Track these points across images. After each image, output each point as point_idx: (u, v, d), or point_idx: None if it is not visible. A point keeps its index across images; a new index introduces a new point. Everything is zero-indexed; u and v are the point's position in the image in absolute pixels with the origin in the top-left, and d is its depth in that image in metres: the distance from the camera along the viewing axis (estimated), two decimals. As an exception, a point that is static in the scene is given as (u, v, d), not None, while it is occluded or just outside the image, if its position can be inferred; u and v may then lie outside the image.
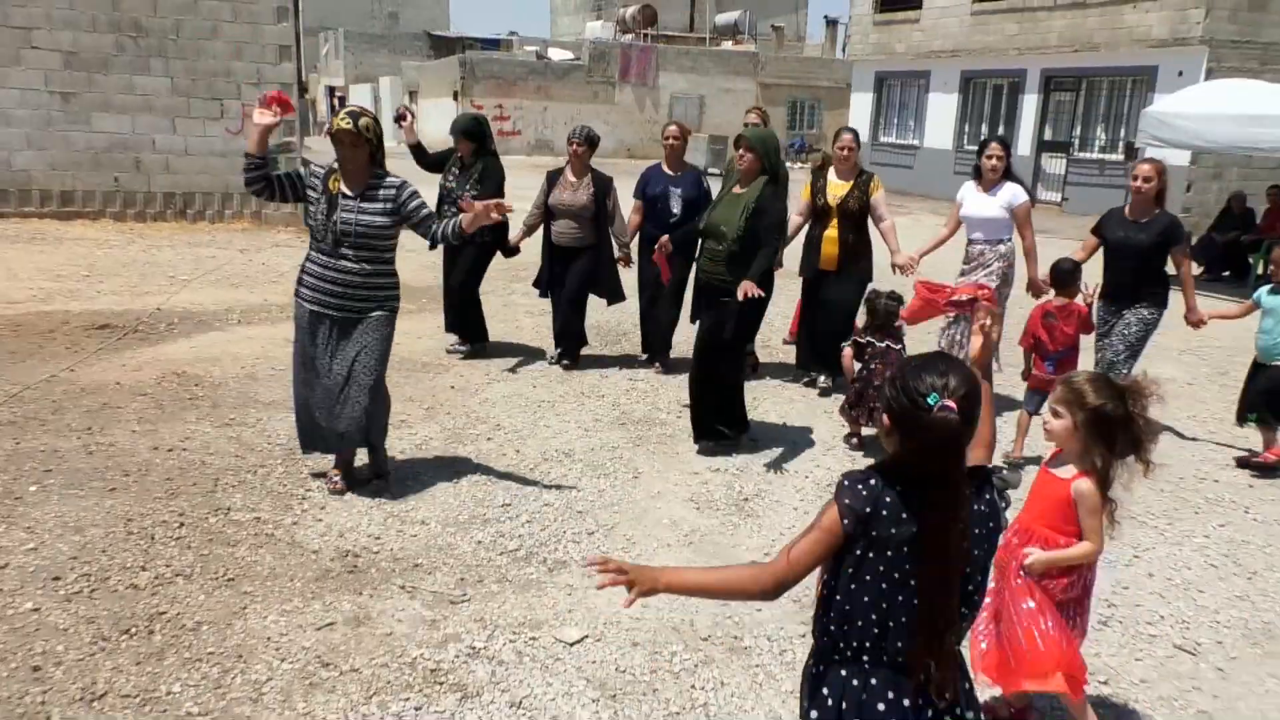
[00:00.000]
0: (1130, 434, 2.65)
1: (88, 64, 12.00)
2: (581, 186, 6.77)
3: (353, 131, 4.22)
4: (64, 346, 6.81)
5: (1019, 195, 6.16)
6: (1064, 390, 2.76)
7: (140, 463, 4.77)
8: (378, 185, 4.35)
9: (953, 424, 1.82)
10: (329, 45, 45.94)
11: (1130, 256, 5.65)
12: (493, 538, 4.18)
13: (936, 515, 1.85)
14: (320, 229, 4.31)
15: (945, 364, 1.90)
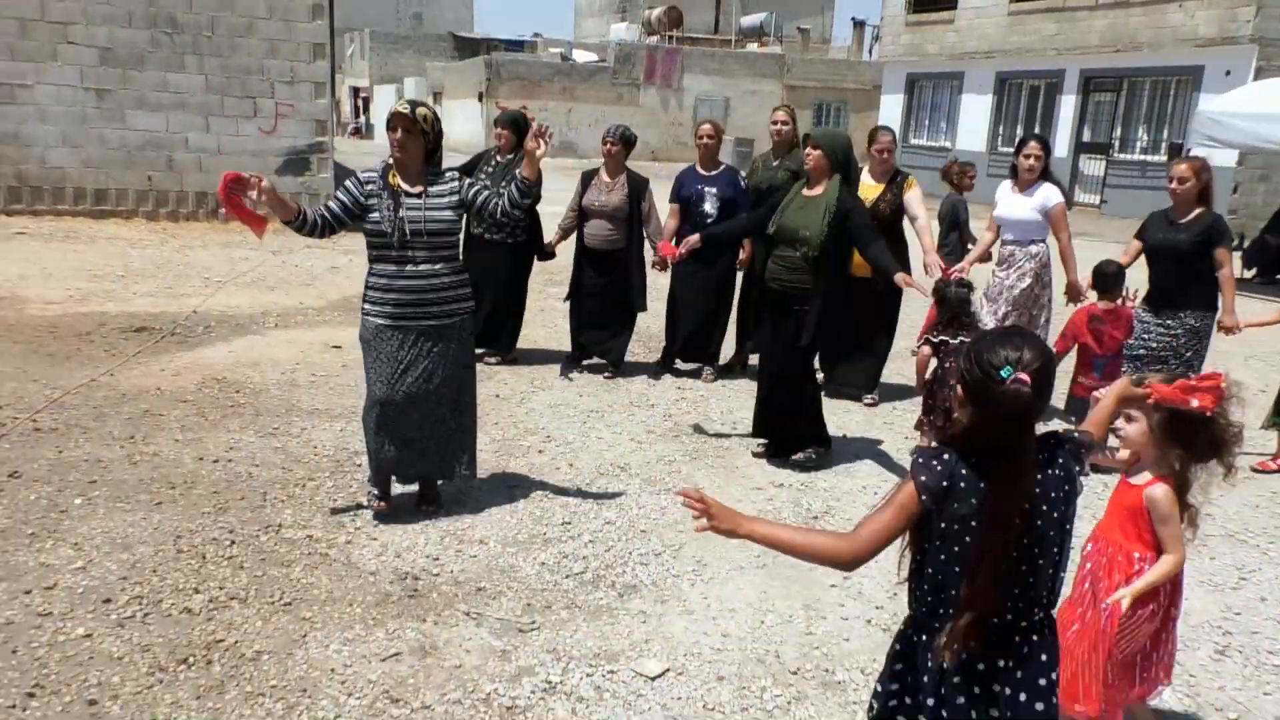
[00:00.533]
0: (1210, 434, 2.50)
1: (123, 60, 11.91)
2: (616, 187, 6.57)
3: (408, 116, 3.98)
4: (102, 349, 6.67)
5: (1054, 196, 5.95)
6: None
7: (186, 474, 4.60)
8: (436, 181, 4.13)
9: (1025, 397, 1.84)
10: (354, 46, 46.01)
11: (1170, 258, 5.46)
12: (556, 559, 3.97)
13: (1001, 486, 1.89)
14: (388, 227, 3.98)
15: (1021, 338, 1.91)
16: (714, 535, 2.05)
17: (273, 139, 12.71)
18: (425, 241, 4.03)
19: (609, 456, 5.21)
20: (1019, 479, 1.89)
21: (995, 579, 1.91)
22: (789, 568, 4.03)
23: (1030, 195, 6.01)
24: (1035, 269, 6.05)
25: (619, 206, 6.54)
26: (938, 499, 1.92)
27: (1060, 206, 5.99)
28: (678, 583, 3.85)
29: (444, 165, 4.30)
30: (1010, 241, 6.13)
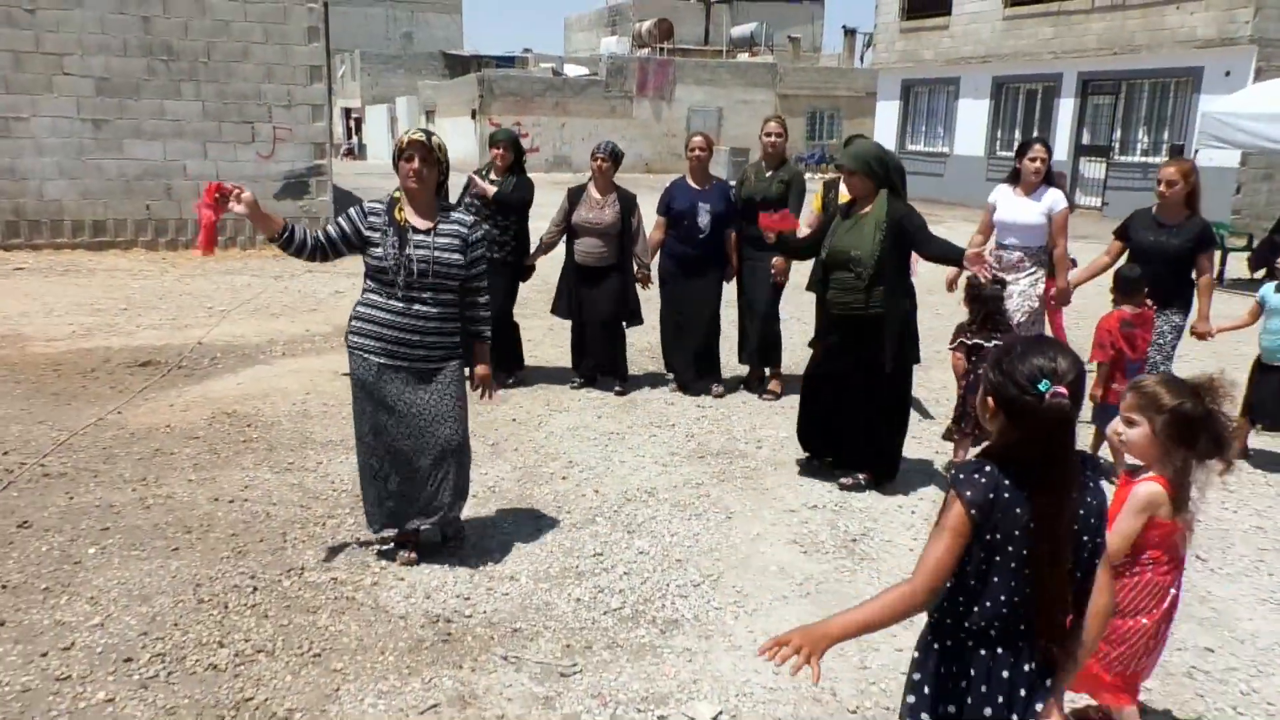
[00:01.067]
0: (1212, 432, 2.49)
1: (119, 89, 11.80)
2: (607, 204, 6.45)
3: (425, 144, 3.76)
4: (108, 386, 6.51)
5: (1060, 201, 5.88)
6: (1136, 396, 2.58)
7: (201, 517, 4.44)
8: (447, 218, 3.88)
9: (1065, 411, 1.82)
10: (344, 67, 45.99)
11: (1160, 261, 5.36)
12: (591, 594, 3.82)
13: (1048, 496, 1.87)
14: (392, 267, 3.74)
15: (1052, 348, 1.89)
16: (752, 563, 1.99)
17: (271, 163, 12.60)
18: (432, 283, 3.79)
19: (634, 481, 5.06)
20: (1065, 490, 1.88)
21: (1056, 592, 1.91)
22: (833, 595, 3.88)
23: (1037, 199, 5.90)
24: (1046, 275, 5.98)
25: (612, 224, 6.43)
26: (986, 513, 1.90)
27: (1065, 212, 5.90)
28: (720, 615, 3.70)
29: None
30: (1016, 247, 5.98)
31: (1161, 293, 5.39)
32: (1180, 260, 5.43)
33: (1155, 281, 5.36)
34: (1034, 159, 5.84)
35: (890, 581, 3.97)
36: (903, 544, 4.36)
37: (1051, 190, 5.91)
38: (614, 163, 6.47)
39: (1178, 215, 5.43)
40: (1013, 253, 5.98)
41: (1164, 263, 5.38)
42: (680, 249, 6.49)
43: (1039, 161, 5.84)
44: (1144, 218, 5.60)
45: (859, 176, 4.71)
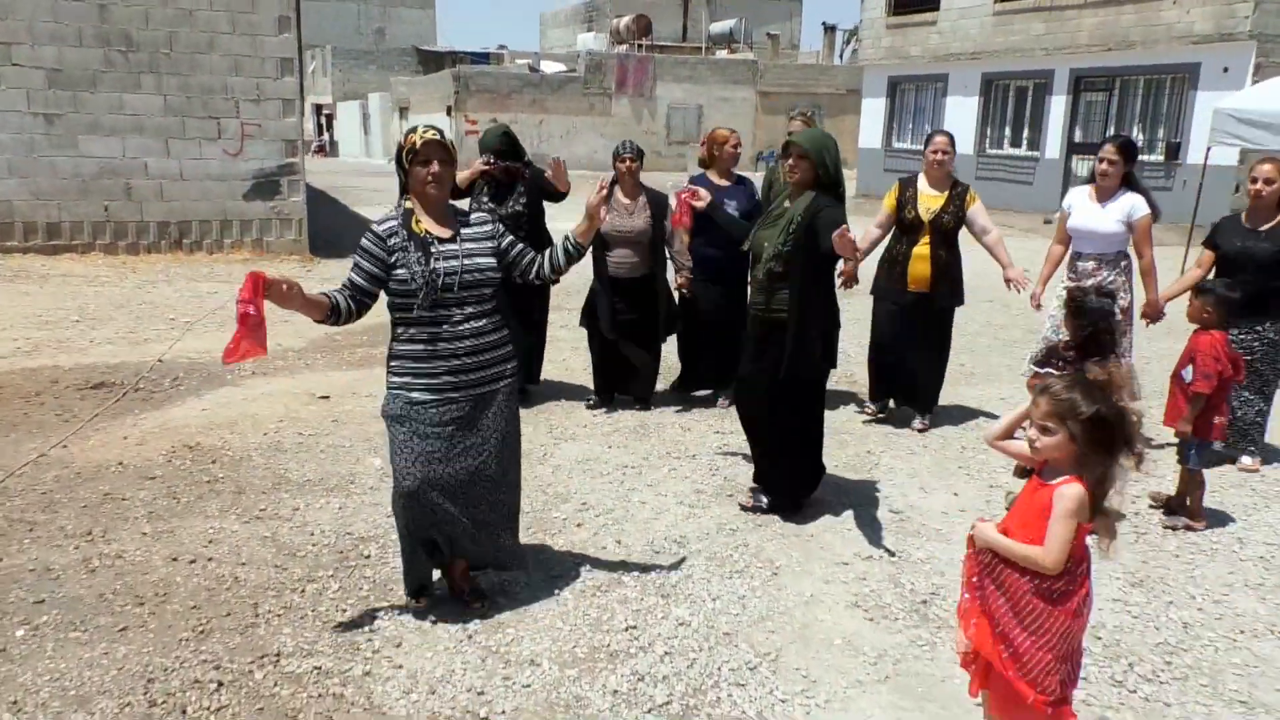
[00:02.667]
0: (1125, 432, 2.42)
1: (74, 82, 10.97)
2: (637, 208, 5.85)
3: (444, 144, 3.34)
4: (54, 413, 5.78)
5: (1140, 207, 5.30)
6: (1049, 403, 2.46)
7: (156, 583, 3.74)
8: (467, 222, 3.50)
9: None
10: (315, 63, 44.95)
11: (1251, 269, 5.05)
12: (630, 684, 3.17)
13: None
14: (420, 282, 3.27)
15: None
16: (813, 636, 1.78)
17: (239, 161, 11.82)
18: (466, 296, 3.37)
19: (659, 528, 4.42)
20: None
21: None
22: (916, 679, 3.27)
23: (1111, 205, 5.37)
24: (1127, 285, 5.44)
25: (643, 230, 5.84)
26: None
27: (1147, 219, 5.33)
28: (788, 709, 3.06)
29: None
30: (1090, 256, 5.46)
31: (1252, 303, 4.96)
32: (1273, 267, 5.03)
33: (1244, 289, 4.90)
34: (1102, 160, 5.33)
35: (978, 657, 3.36)
36: (981, 606, 3.74)
37: (1130, 194, 5.34)
38: (641, 161, 5.90)
39: (1268, 218, 5.09)
40: (1087, 261, 5.46)
41: (1257, 270, 5.01)
42: (706, 251, 5.89)
43: (1106, 163, 5.31)
44: (1232, 224, 5.29)
45: (809, 164, 4.25)
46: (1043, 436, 2.47)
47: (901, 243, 5.75)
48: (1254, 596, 3.86)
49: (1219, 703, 3.15)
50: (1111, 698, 3.16)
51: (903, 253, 5.71)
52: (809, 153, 4.24)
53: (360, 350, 7.54)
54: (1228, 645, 3.50)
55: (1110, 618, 3.67)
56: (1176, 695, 3.18)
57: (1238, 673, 3.32)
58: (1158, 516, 4.62)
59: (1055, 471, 2.50)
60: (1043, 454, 2.49)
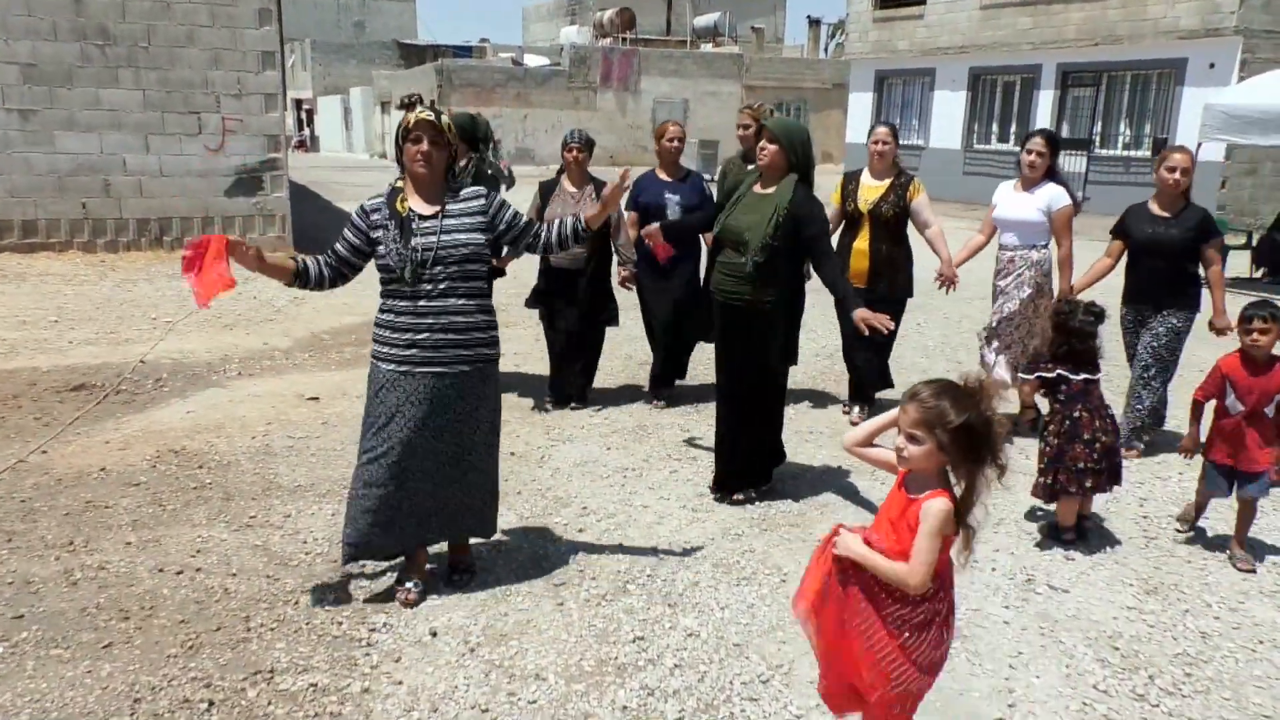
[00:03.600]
0: (990, 441, 2.32)
1: (49, 77, 10.71)
2: (584, 197, 5.78)
3: (434, 123, 3.40)
4: (33, 417, 5.60)
5: (1060, 198, 5.46)
6: (918, 410, 2.34)
7: (143, 595, 3.59)
8: (457, 199, 3.53)
9: None
10: (295, 56, 44.48)
11: (1160, 255, 5.15)
12: (640, 699, 3.06)
13: None
14: (396, 262, 3.40)
15: None
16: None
17: (220, 157, 11.59)
18: (443, 272, 3.42)
19: (663, 533, 4.31)
20: None
21: None
22: (934, 693, 3.12)
23: (1033, 195, 5.52)
24: (1036, 278, 5.58)
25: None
26: None
27: (1068, 210, 5.48)
28: (804, 727, 2.96)
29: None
30: (1011, 246, 5.63)
31: (1160, 289, 5.19)
32: (1182, 255, 5.13)
33: (1153, 277, 5.19)
34: (1029, 151, 5.47)
35: (993, 668, 3.28)
36: (994, 615, 3.65)
37: (1050, 186, 5.48)
38: (589, 151, 5.86)
39: (1176, 206, 5.15)
40: (1005, 252, 5.65)
41: (1165, 257, 5.13)
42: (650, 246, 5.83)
43: (1034, 155, 5.45)
44: (1140, 211, 5.30)
45: (777, 149, 4.31)
46: (910, 445, 2.35)
47: (846, 236, 5.77)
48: (1271, 605, 3.78)
49: (1243, 717, 3.06)
50: (1134, 712, 3.06)
51: (845, 246, 5.71)
52: (778, 137, 4.30)
53: (349, 350, 7.38)
54: (1248, 656, 3.41)
55: (1127, 627, 3.58)
56: (1200, 710, 3.09)
57: (1260, 685, 3.24)
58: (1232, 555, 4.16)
59: (920, 483, 2.39)
60: (910, 463, 2.36)
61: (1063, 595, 3.81)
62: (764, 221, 4.22)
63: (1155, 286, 5.20)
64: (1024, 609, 3.70)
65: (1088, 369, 4.26)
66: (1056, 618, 3.63)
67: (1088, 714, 3.04)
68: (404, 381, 3.43)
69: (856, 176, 5.80)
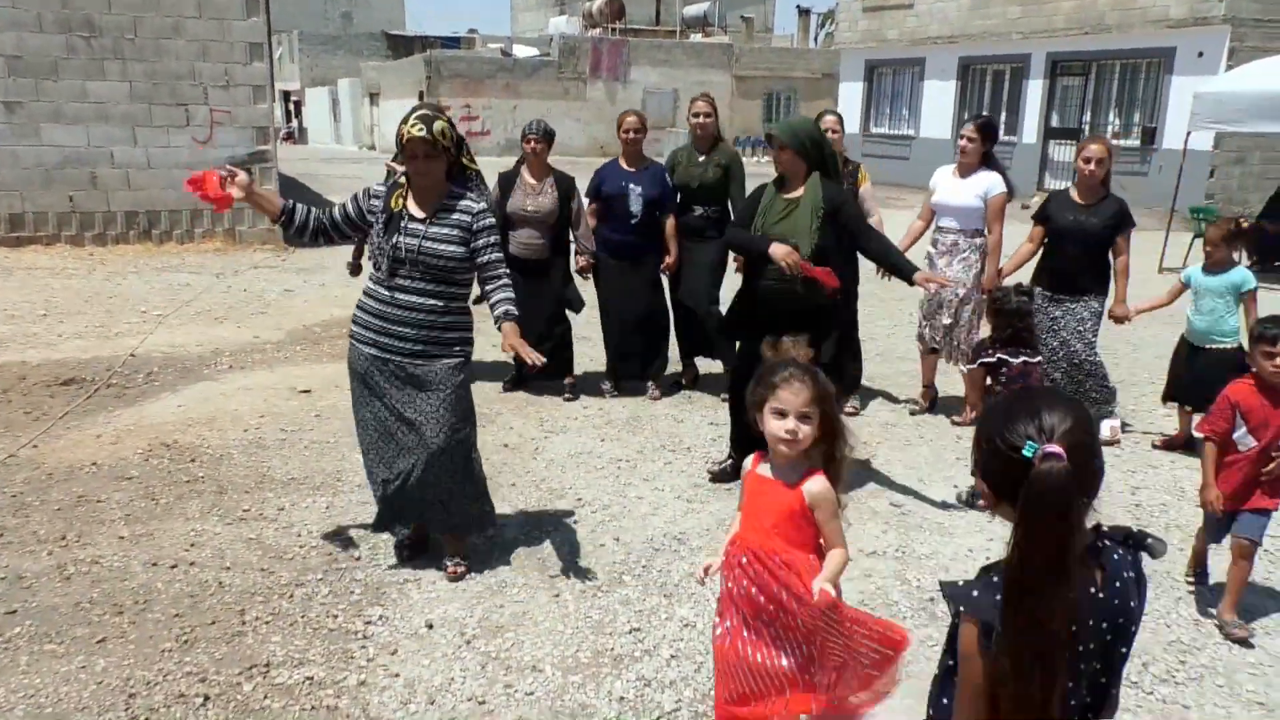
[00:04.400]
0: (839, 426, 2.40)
1: (35, 69, 10.61)
2: (544, 189, 5.82)
3: (426, 140, 3.41)
4: (23, 411, 5.57)
5: (996, 185, 5.60)
6: (811, 389, 2.31)
7: (136, 589, 3.58)
8: (451, 207, 3.56)
9: (1065, 478, 1.35)
10: (282, 48, 44.20)
11: (1079, 242, 5.32)
12: (637, 690, 3.06)
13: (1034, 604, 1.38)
14: (375, 255, 3.57)
15: (1039, 400, 1.47)
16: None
17: (209, 149, 11.50)
18: (417, 273, 3.52)
19: (658, 524, 4.31)
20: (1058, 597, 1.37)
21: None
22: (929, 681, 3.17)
23: (973, 180, 5.64)
24: (980, 260, 5.69)
25: (551, 211, 5.83)
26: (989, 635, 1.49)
27: (1001, 198, 5.60)
28: (800, 716, 2.96)
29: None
30: (953, 230, 5.75)
31: (1077, 275, 5.35)
32: (1100, 242, 5.30)
33: (1071, 263, 5.35)
34: (961, 137, 5.65)
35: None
36: (990, 601, 3.66)
37: (988, 172, 5.62)
38: (548, 143, 5.86)
39: (1095, 195, 5.31)
40: (947, 235, 5.77)
41: (1083, 244, 5.29)
42: (612, 235, 5.91)
43: (966, 140, 5.61)
44: (1062, 199, 5.47)
45: (790, 153, 4.34)
46: (802, 425, 2.32)
47: None
48: (1261, 592, 3.80)
49: (1237, 704, 3.08)
50: (1129, 699, 3.08)
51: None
52: (788, 142, 4.32)
53: (340, 342, 7.34)
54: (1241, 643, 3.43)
55: (1121, 611, 3.60)
56: (1194, 697, 3.11)
57: (1253, 672, 3.26)
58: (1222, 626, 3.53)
59: (788, 469, 2.37)
60: (804, 443, 2.34)
61: (1057, 583, 3.82)
62: (809, 225, 4.26)
63: (1072, 273, 5.36)
64: (1018, 597, 3.71)
65: (1026, 351, 4.45)
66: (1051, 605, 3.64)
67: (1083, 701, 3.06)
68: (372, 364, 3.58)
69: (856, 172, 5.86)
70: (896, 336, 7.81)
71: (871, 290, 6.28)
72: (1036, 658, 1.40)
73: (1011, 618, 1.41)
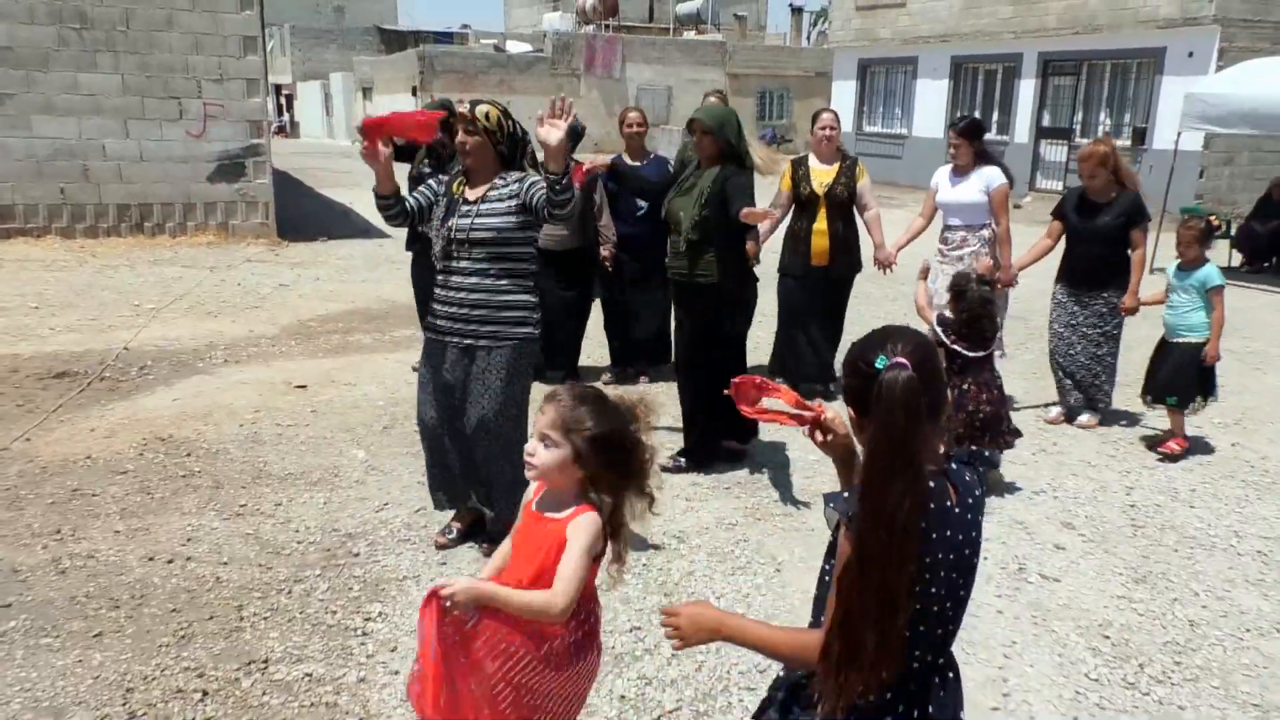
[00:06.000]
0: (637, 464, 2.12)
1: (25, 61, 10.54)
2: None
3: (466, 117, 3.64)
4: (15, 404, 5.54)
5: (996, 178, 5.78)
6: (554, 410, 2.09)
7: (132, 584, 3.56)
8: (501, 186, 3.68)
9: (907, 379, 1.58)
10: (274, 42, 43.98)
11: (1094, 240, 5.42)
12: (637, 689, 3.06)
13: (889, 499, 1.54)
14: (434, 238, 3.75)
15: (892, 331, 1.71)
16: None
17: (202, 143, 11.46)
18: (469, 253, 3.65)
19: (656, 523, 4.27)
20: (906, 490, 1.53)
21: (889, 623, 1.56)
22: (929, 679, 3.18)
23: (971, 179, 5.82)
24: (989, 253, 5.83)
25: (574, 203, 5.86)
26: None
27: (1004, 189, 5.78)
28: (801, 715, 2.96)
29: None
30: (959, 228, 5.92)
31: (1095, 272, 5.46)
32: (1114, 239, 5.38)
33: (1088, 261, 5.46)
34: (949, 145, 5.85)
35: (986, 657, 3.31)
36: (987, 604, 3.67)
37: (987, 167, 5.80)
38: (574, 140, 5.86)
39: (1108, 192, 5.38)
40: (956, 232, 5.91)
41: (1099, 242, 5.38)
42: (619, 229, 6.05)
43: (953, 148, 5.82)
44: (1074, 195, 5.58)
45: (709, 138, 4.54)
46: (540, 448, 2.08)
47: (801, 220, 5.98)
48: (1256, 593, 3.83)
49: (1232, 706, 3.09)
50: (1125, 701, 3.09)
51: (804, 229, 5.95)
52: (711, 128, 4.51)
53: (335, 337, 7.33)
54: (1235, 645, 3.45)
55: (1117, 615, 3.62)
56: (1190, 698, 3.12)
57: (1248, 673, 3.28)
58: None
59: (557, 502, 2.13)
60: (539, 471, 2.10)
61: (1054, 584, 3.84)
62: (692, 202, 4.52)
63: (1090, 270, 5.48)
64: (1016, 598, 3.73)
65: (982, 345, 4.62)
66: (1048, 607, 3.66)
67: (1080, 703, 3.07)
68: (434, 346, 3.76)
69: (805, 162, 6.01)
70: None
71: (867, 291, 6.31)
72: (889, 544, 1.53)
73: (866, 506, 1.56)
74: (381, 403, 5.78)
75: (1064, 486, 4.84)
